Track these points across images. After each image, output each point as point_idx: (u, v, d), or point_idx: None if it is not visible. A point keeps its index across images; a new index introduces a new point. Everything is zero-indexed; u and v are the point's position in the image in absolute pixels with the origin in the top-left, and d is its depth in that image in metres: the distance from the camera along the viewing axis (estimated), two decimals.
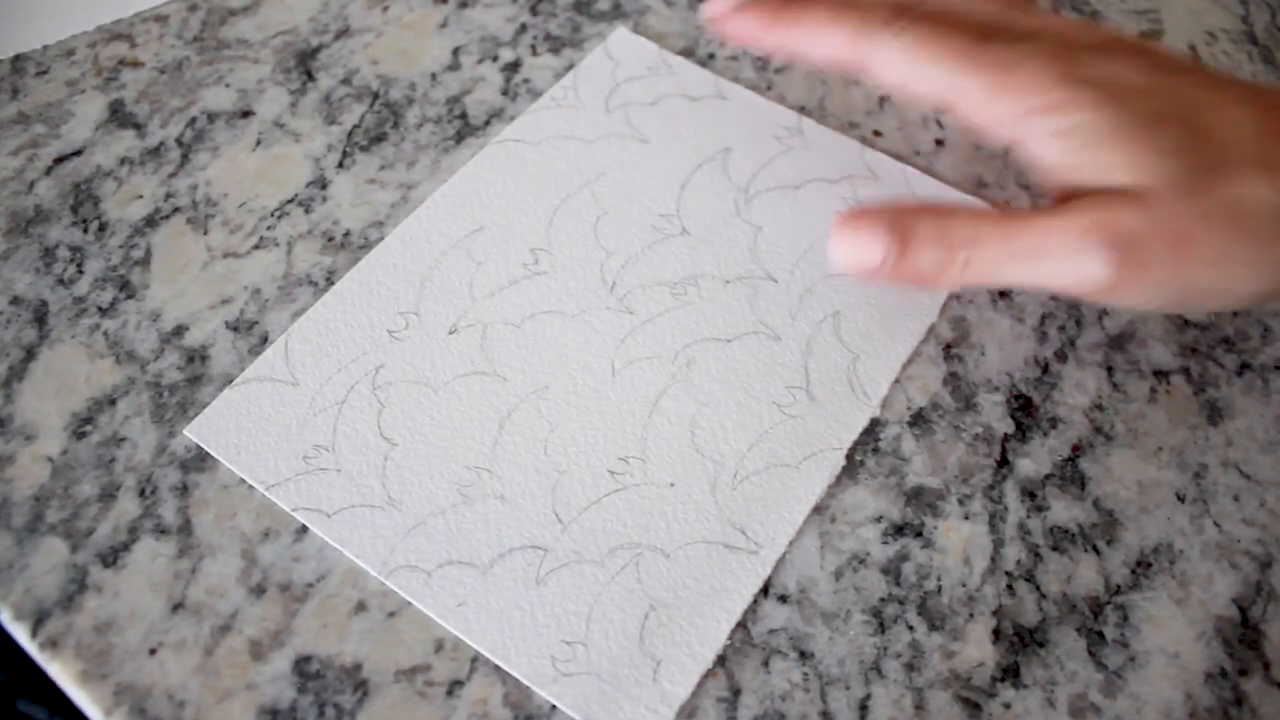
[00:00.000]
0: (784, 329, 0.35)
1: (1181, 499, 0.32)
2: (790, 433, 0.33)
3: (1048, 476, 0.32)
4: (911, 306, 0.35)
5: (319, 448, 0.32)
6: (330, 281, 0.36)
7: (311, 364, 0.34)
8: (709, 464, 0.32)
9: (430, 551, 0.30)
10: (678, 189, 0.38)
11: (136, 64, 0.42)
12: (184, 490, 0.32)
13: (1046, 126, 0.28)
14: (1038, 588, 0.30)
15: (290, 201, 0.38)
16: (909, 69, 0.30)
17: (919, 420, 0.33)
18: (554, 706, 0.28)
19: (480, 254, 0.36)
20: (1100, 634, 0.29)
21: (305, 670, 0.29)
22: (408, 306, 0.35)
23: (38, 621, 0.29)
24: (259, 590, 0.30)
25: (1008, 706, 0.29)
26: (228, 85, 0.42)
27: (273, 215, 0.38)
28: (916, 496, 0.32)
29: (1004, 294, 0.36)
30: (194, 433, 0.32)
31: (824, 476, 0.32)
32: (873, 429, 0.33)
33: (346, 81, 0.42)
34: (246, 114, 0.41)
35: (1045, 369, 0.34)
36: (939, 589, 0.30)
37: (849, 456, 0.32)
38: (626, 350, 0.34)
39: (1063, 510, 0.32)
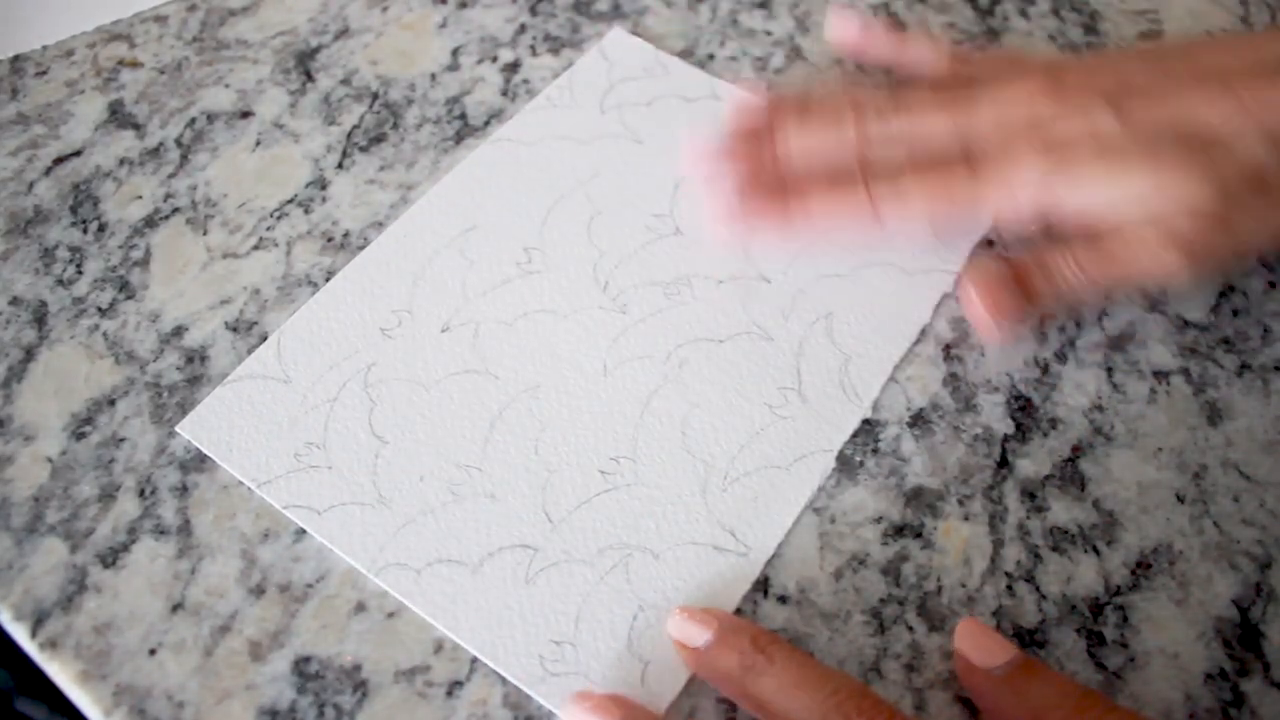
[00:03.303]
0: (776, 330, 0.35)
1: (1181, 500, 0.32)
2: (781, 434, 0.33)
3: (1047, 477, 0.32)
4: (905, 308, 0.35)
5: (310, 445, 0.32)
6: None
7: (304, 361, 0.34)
8: (699, 465, 0.32)
9: (420, 550, 0.30)
10: (671, 189, 0.38)
11: (136, 64, 0.42)
12: (183, 491, 0.32)
13: (1070, 207, 0.34)
14: (1037, 588, 0.30)
15: (290, 202, 0.38)
16: (926, 217, 0.35)
17: (919, 421, 0.33)
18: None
19: (473, 253, 0.36)
20: (1100, 635, 0.29)
21: (305, 671, 0.29)
22: (400, 304, 0.35)
23: (37, 622, 0.29)
24: (258, 591, 0.30)
25: None
26: (227, 86, 0.42)
27: (272, 216, 0.38)
28: (916, 497, 0.32)
29: None
30: (186, 430, 0.32)
31: (814, 479, 0.32)
32: (872, 429, 0.33)
33: (346, 82, 0.42)
34: (246, 114, 0.41)
35: (1045, 369, 0.34)
36: (939, 589, 0.30)
37: (848, 457, 0.32)
38: (618, 350, 0.34)
39: (1062, 511, 0.32)
